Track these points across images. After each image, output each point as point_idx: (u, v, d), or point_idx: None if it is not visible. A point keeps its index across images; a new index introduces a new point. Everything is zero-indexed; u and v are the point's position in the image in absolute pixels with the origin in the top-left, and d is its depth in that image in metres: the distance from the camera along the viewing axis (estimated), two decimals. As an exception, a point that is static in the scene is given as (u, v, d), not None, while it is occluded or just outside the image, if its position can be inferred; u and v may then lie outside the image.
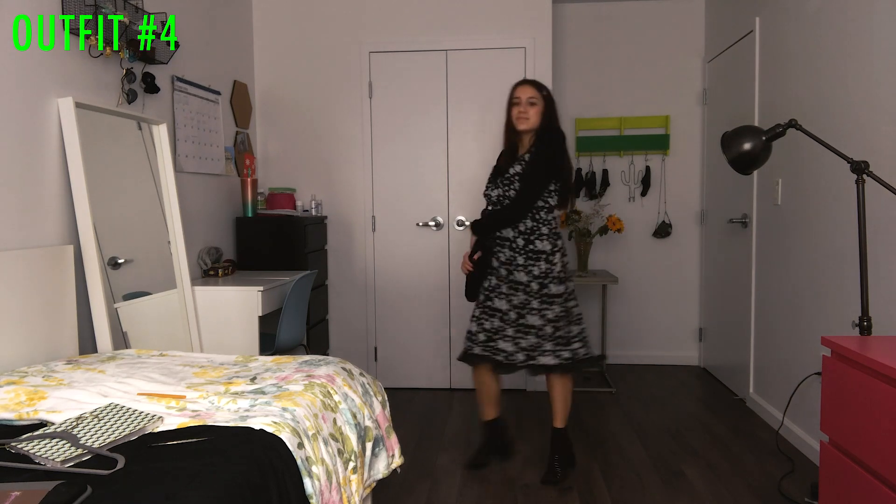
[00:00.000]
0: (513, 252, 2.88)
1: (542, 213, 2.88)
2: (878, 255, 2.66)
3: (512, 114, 2.91)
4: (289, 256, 3.97)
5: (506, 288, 2.91)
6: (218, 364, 2.37)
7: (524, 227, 2.86)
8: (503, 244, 2.91)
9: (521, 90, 2.90)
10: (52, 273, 2.44)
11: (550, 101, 2.92)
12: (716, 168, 4.59)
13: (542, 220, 2.88)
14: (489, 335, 2.95)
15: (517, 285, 2.88)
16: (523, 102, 2.88)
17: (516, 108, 2.89)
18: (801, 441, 3.25)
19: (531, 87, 2.90)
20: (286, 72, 4.45)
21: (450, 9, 4.34)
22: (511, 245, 2.89)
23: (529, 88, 2.89)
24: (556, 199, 2.89)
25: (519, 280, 2.88)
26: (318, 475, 1.75)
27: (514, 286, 2.89)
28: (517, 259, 2.87)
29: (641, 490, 2.87)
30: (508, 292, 2.90)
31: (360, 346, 4.52)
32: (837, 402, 1.86)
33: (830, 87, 3.03)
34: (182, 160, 3.47)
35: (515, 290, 2.88)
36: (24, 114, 2.41)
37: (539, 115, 2.87)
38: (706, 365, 4.88)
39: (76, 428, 1.62)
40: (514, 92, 2.92)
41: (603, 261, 5.04)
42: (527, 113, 2.86)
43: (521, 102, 2.88)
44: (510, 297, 2.90)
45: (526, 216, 2.85)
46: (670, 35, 4.87)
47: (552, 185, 2.86)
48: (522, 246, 2.87)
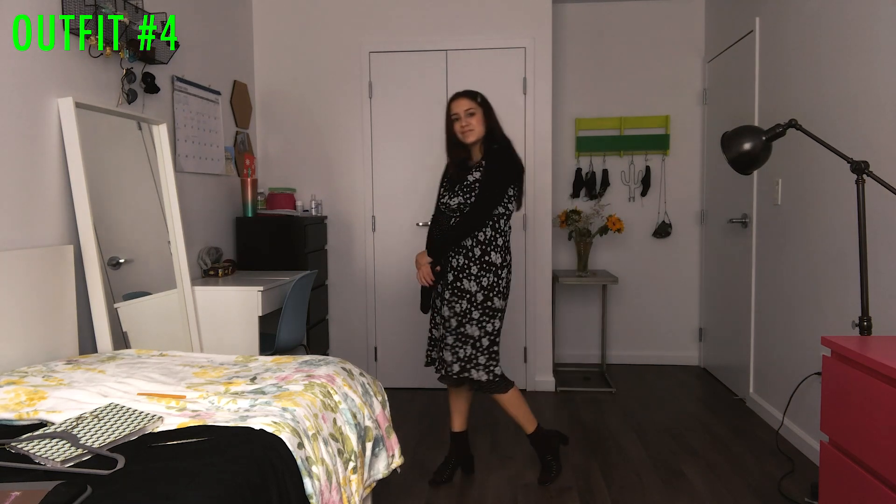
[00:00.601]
0: (467, 260, 2.81)
1: (502, 221, 2.84)
2: (878, 255, 2.66)
3: (455, 129, 2.85)
4: (289, 256, 3.97)
5: (449, 295, 2.85)
6: (218, 364, 2.37)
7: (483, 237, 2.81)
8: (458, 251, 2.83)
9: (457, 104, 2.84)
10: (52, 273, 2.44)
11: (488, 107, 2.87)
12: (716, 168, 4.59)
13: (500, 229, 2.83)
14: (434, 343, 2.96)
15: (463, 293, 2.81)
16: (462, 116, 2.82)
17: (458, 124, 2.83)
18: (801, 441, 3.25)
19: (466, 99, 2.84)
20: (286, 72, 4.45)
21: (450, 9, 4.34)
22: (467, 253, 2.81)
23: (464, 101, 2.83)
24: (515, 204, 2.87)
25: (467, 289, 2.81)
26: (318, 475, 1.75)
27: (459, 294, 2.82)
28: (471, 268, 2.81)
29: (641, 490, 2.87)
30: (451, 299, 2.84)
31: (360, 346, 4.52)
32: (837, 402, 1.86)
33: (830, 87, 3.03)
34: (182, 160, 3.47)
35: (460, 298, 2.82)
36: (24, 114, 2.41)
37: (481, 122, 2.83)
38: (706, 365, 4.88)
39: (76, 428, 1.62)
40: (451, 108, 2.86)
41: (603, 261, 5.04)
42: (469, 125, 2.82)
43: (461, 116, 2.82)
44: (452, 304, 2.83)
45: (487, 223, 2.80)
46: (670, 35, 4.87)
47: (511, 190, 2.82)
48: (479, 256, 2.80)
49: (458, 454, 3.03)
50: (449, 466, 3.00)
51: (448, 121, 2.89)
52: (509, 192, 2.82)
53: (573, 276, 4.46)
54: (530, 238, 4.35)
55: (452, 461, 3.02)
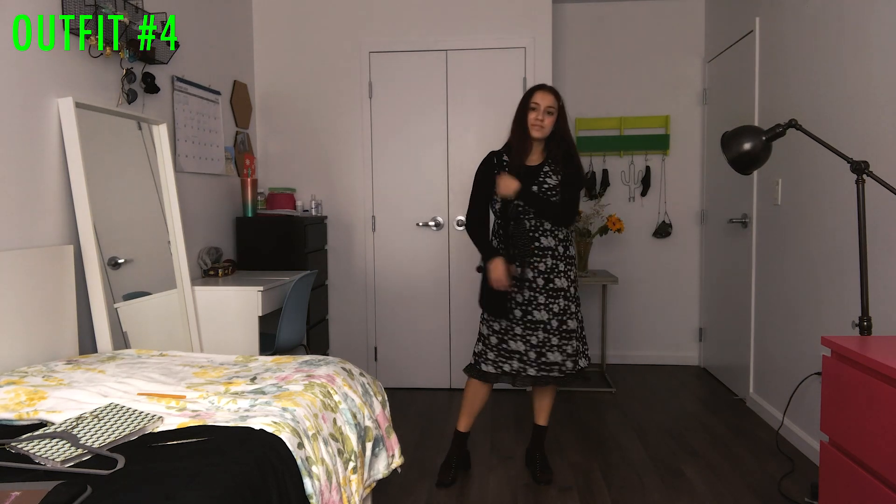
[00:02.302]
0: (555, 259, 2.84)
1: None
2: (877, 255, 2.66)
3: (528, 118, 2.80)
4: (289, 256, 3.97)
5: (544, 298, 2.82)
6: (218, 364, 2.37)
7: (562, 235, 2.86)
8: (544, 253, 2.82)
9: (542, 97, 2.80)
10: (52, 273, 2.44)
11: (564, 112, 2.86)
12: (716, 168, 4.59)
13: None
14: (538, 351, 2.84)
15: (558, 292, 2.83)
16: (542, 110, 2.79)
17: (533, 114, 2.79)
18: (801, 441, 3.25)
19: (552, 96, 2.80)
20: (286, 72, 4.45)
21: (450, 9, 4.34)
22: (553, 253, 2.83)
23: (550, 96, 2.80)
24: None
25: (560, 286, 2.84)
26: (318, 475, 1.75)
27: (554, 294, 2.83)
28: (559, 266, 2.85)
29: (641, 490, 2.87)
30: (548, 302, 2.82)
31: (360, 346, 4.52)
32: (837, 402, 1.86)
33: (830, 87, 3.03)
34: (182, 160, 3.47)
35: (556, 298, 2.83)
36: (24, 114, 2.41)
37: (552, 125, 2.82)
38: (706, 365, 4.88)
39: (76, 428, 1.62)
40: (534, 97, 2.81)
41: (603, 261, 5.04)
42: (543, 121, 2.79)
43: (540, 109, 2.79)
44: (550, 305, 2.82)
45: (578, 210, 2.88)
46: (670, 35, 4.87)
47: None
48: (563, 253, 2.86)
49: (459, 452, 3.03)
50: (452, 466, 2.99)
51: (524, 106, 2.82)
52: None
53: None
54: (530, 238, 4.35)
55: (455, 460, 3.01)
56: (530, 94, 2.83)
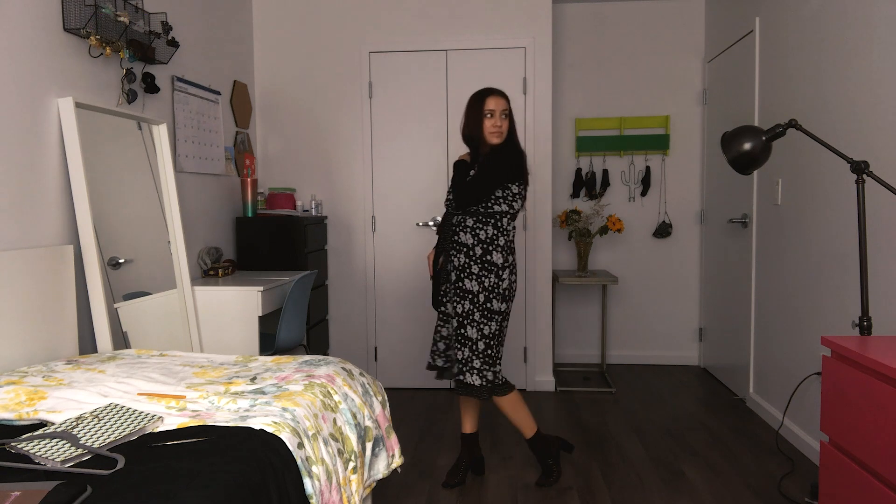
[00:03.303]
0: (468, 259, 2.76)
1: (504, 220, 2.76)
2: (877, 255, 2.66)
3: (485, 126, 2.73)
4: (289, 256, 3.97)
5: (452, 294, 2.81)
6: (218, 364, 2.37)
7: (484, 236, 2.73)
8: (459, 249, 2.77)
9: (496, 102, 2.72)
10: (52, 273, 2.44)
11: (511, 115, 2.79)
12: (716, 168, 4.59)
13: (503, 229, 2.76)
14: (447, 342, 2.92)
15: (465, 293, 2.76)
16: (497, 115, 2.71)
17: (490, 121, 2.71)
18: (801, 441, 3.25)
19: (504, 100, 2.73)
20: (286, 72, 4.45)
21: (449, 9, 4.34)
22: (468, 252, 2.75)
23: (503, 101, 2.73)
24: (520, 203, 2.78)
25: (468, 289, 2.75)
26: (318, 475, 1.75)
27: (461, 294, 2.77)
28: (472, 267, 2.75)
29: (641, 490, 2.87)
30: (454, 299, 2.80)
31: (360, 346, 4.52)
32: (837, 402, 1.86)
33: (830, 87, 3.03)
34: (182, 160, 3.47)
35: (462, 299, 2.76)
36: (24, 114, 2.41)
37: (507, 127, 2.76)
38: (706, 365, 4.88)
39: (76, 428, 1.62)
40: (486, 103, 2.72)
41: (603, 261, 5.04)
42: (501, 127, 2.72)
43: (496, 115, 2.71)
44: (455, 304, 2.79)
45: (484, 198, 2.68)
46: (670, 35, 4.87)
47: (516, 188, 2.73)
48: (480, 255, 2.74)
49: (469, 456, 3.01)
50: (461, 469, 2.97)
51: (478, 114, 2.74)
52: (514, 191, 2.73)
53: (573, 276, 4.46)
54: (530, 238, 4.35)
55: (464, 463, 2.98)
56: (482, 102, 2.73)
